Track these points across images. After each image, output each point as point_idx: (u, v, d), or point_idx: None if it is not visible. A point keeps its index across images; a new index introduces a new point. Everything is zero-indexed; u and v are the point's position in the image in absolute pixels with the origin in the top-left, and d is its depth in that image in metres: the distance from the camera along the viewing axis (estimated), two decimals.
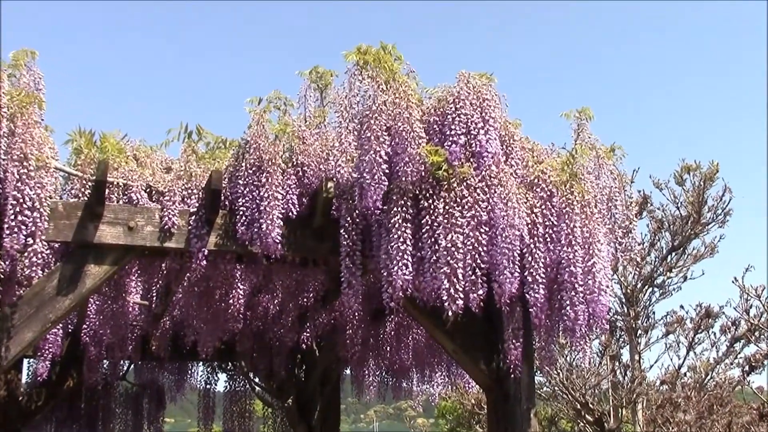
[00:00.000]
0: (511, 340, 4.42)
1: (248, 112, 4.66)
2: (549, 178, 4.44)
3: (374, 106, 4.19)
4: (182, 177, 4.64)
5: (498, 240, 4.11)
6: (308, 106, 5.14)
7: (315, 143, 4.73)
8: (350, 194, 4.41)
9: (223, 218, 4.58)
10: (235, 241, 4.51)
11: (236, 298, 5.20)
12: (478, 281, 4.08)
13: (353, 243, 4.38)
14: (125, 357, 6.74)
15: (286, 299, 5.94)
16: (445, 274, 4.05)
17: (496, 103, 4.45)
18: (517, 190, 4.26)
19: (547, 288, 4.29)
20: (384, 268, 4.19)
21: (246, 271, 5.19)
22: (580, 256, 4.27)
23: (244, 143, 4.64)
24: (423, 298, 4.26)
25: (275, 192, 4.37)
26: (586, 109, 4.93)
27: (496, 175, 4.23)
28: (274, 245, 4.35)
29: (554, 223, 4.35)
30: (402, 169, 4.14)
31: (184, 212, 4.55)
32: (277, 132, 4.61)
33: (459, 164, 4.24)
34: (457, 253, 4.07)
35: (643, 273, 11.71)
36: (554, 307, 4.39)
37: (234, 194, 4.55)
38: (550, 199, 4.40)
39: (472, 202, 4.18)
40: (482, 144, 4.28)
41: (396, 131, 4.20)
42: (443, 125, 4.37)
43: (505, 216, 4.11)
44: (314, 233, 4.68)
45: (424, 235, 4.17)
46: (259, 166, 4.47)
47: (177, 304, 6.03)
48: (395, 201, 4.20)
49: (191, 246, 4.49)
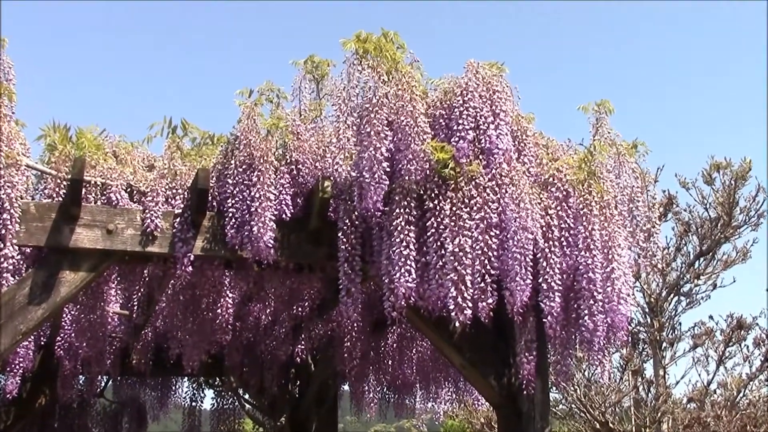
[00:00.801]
0: (524, 353, 4.43)
1: (238, 105, 4.68)
2: (565, 176, 4.46)
3: (375, 98, 4.21)
4: (166, 176, 4.66)
5: (509, 244, 4.13)
6: (303, 98, 5.16)
7: (310, 139, 4.74)
8: (349, 194, 4.43)
9: (210, 220, 4.60)
10: (223, 245, 4.54)
11: (225, 308, 5.22)
12: (487, 289, 4.10)
13: (352, 247, 4.40)
14: (103, 372, 6.76)
15: (279, 309, 5.97)
16: (452, 281, 4.07)
17: (507, 95, 4.47)
18: (531, 189, 4.28)
19: (563, 296, 4.30)
20: (385, 274, 4.21)
21: (235, 278, 5.21)
22: (598, 262, 4.28)
23: (234, 139, 4.66)
24: (428, 308, 4.27)
25: (267, 192, 4.40)
26: (606, 101, 4.95)
27: (508, 174, 4.25)
28: (266, 250, 4.37)
29: (571, 225, 4.37)
30: (405, 167, 4.16)
31: (168, 214, 4.57)
32: (269, 127, 4.64)
33: (467, 162, 4.26)
34: (465, 258, 4.09)
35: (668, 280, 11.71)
36: (571, 318, 4.40)
37: (222, 194, 4.57)
38: (567, 200, 4.42)
39: (482, 202, 4.20)
40: (492, 140, 4.30)
41: (398, 126, 4.22)
42: (450, 119, 4.39)
43: (517, 218, 4.13)
44: (310, 237, 4.70)
45: (429, 239, 4.19)
46: (250, 163, 4.49)
47: (160, 314, 6.05)
48: (398, 202, 4.22)
49: (176, 251, 4.51)
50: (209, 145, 5.00)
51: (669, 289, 11.75)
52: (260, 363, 6.90)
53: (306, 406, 7.35)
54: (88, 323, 5.16)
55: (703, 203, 11.87)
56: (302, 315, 5.95)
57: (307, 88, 5.27)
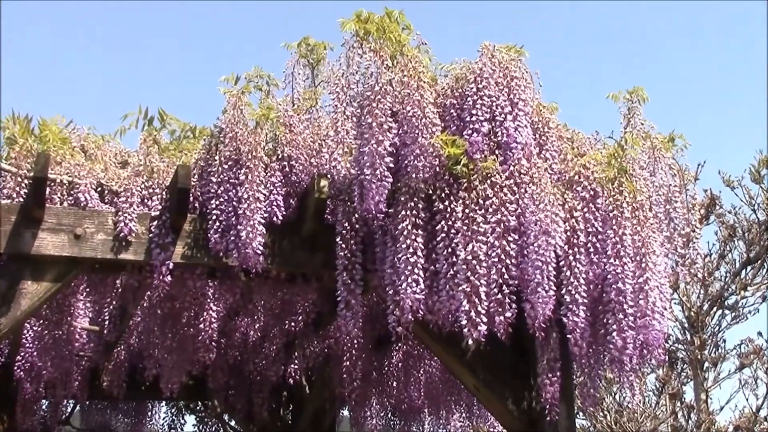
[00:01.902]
0: (546, 373, 4.44)
1: (222, 94, 4.70)
2: (592, 174, 4.47)
3: (377, 86, 4.23)
4: (141, 173, 4.69)
5: (530, 250, 4.14)
6: (296, 86, 5.19)
7: (305, 132, 4.77)
8: (348, 194, 4.45)
9: (192, 224, 4.62)
10: (206, 251, 4.56)
11: (208, 323, 5.25)
12: (505, 301, 4.11)
13: (352, 254, 4.42)
14: (69, 396, 6.78)
15: (270, 323, 5.99)
16: (465, 292, 4.08)
17: (527, 82, 4.49)
18: (553, 189, 4.30)
19: (590, 310, 4.31)
20: (390, 284, 4.23)
21: (220, 289, 5.24)
22: (630, 271, 4.29)
23: (218, 132, 4.68)
24: (437, 322, 4.29)
25: (256, 192, 4.42)
26: (639, 89, 4.97)
27: (528, 171, 4.27)
28: (254, 257, 4.39)
29: (599, 229, 4.38)
30: (411, 164, 4.18)
31: (144, 217, 4.60)
32: (258, 118, 4.66)
33: (481, 157, 4.28)
34: (480, 266, 4.10)
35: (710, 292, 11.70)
36: (599, 334, 4.41)
37: (205, 194, 4.59)
38: (594, 201, 4.43)
39: (498, 203, 4.22)
40: (510, 132, 4.31)
41: (404, 117, 4.24)
42: (462, 109, 4.40)
43: (538, 221, 4.15)
44: (304, 242, 4.72)
45: (439, 245, 4.21)
46: (237, 159, 4.51)
47: (135, 329, 6.07)
48: (403, 203, 4.24)
49: (153, 258, 4.54)
50: (190, 138, 5.02)
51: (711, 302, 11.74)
52: (248, 385, 6.92)
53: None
54: (53, 340, 5.19)
55: (751, 204, 11.86)
56: (295, 330, 5.97)
57: (300, 75, 5.29)
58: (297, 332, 6.02)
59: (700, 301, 11.73)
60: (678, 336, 11.63)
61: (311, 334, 6.13)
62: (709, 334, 11.64)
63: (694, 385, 11.52)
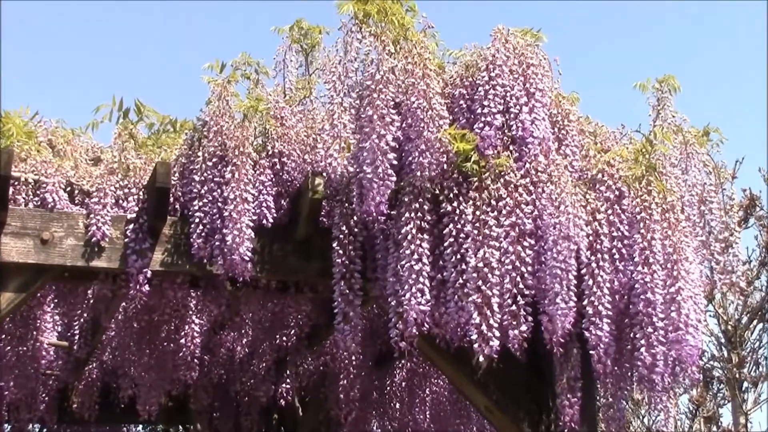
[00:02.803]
0: (566, 394, 4.44)
1: (206, 83, 4.71)
2: (618, 172, 4.48)
3: (378, 74, 4.23)
4: (116, 171, 4.70)
5: (548, 257, 4.15)
6: (289, 74, 5.20)
7: (298, 125, 4.78)
8: (346, 194, 4.47)
9: (172, 227, 4.64)
10: (188, 258, 4.57)
11: (190, 337, 5.25)
12: (520, 313, 4.12)
13: (350, 261, 4.43)
14: (35, 419, 6.78)
15: (259, 338, 5.99)
16: (475, 303, 4.08)
17: (544, 70, 4.50)
18: (574, 188, 4.29)
19: (615, 323, 4.31)
20: (392, 295, 4.24)
21: (204, 300, 5.24)
22: (660, 280, 4.29)
23: (201, 125, 4.70)
24: (445, 337, 4.30)
25: (244, 191, 4.43)
26: (670, 77, 4.97)
27: (545, 169, 4.27)
28: (242, 264, 4.41)
29: (625, 233, 4.39)
30: (416, 160, 4.19)
31: (119, 219, 4.61)
32: (245, 110, 4.67)
33: (494, 153, 4.29)
34: (492, 274, 4.11)
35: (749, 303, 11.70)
36: (625, 350, 4.42)
37: (187, 195, 4.61)
38: (619, 202, 4.44)
39: (512, 205, 4.22)
40: (526, 126, 4.32)
41: (408, 108, 4.25)
42: (473, 100, 4.41)
43: (556, 224, 4.15)
44: (297, 248, 4.73)
45: (447, 251, 4.22)
46: (222, 156, 4.52)
47: (108, 345, 6.07)
48: (407, 204, 4.25)
49: (128, 265, 4.55)
50: (170, 132, 5.03)
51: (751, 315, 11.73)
52: (235, 407, 6.92)
53: None
54: (17, 357, 5.19)
55: None
56: (287, 346, 5.96)
57: (293, 62, 5.30)
58: (289, 348, 6.02)
59: (738, 313, 11.73)
60: (714, 352, 11.63)
61: (305, 350, 6.12)
62: (749, 350, 11.63)
63: (732, 408, 11.52)
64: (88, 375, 6.53)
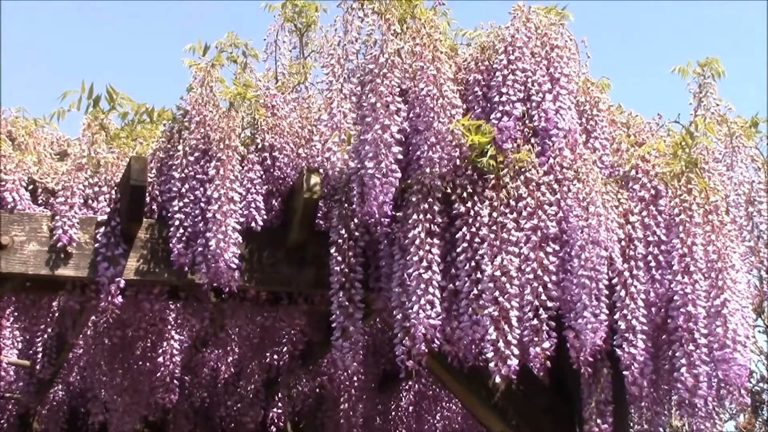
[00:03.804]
0: (595, 419, 4.44)
1: (188, 67, 4.72)
2: (654, 168, 4.48)
3: (382, 57, 4.24)
4: (85, 167, 4.71)
5: (574, 264, 4.15)
6: (281, 57, 5.21)
7: (291, 115, 4.78)
8: (345, 194, 4.47)
9: (148, 231, 4.65)
10: (167, 265, 4.58)
11: (169, 356, 5.26)
12: (542, 328, 4.11)
13: (350, 269, 4.43)
14: None
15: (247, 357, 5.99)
16: (492, 317, 4.08)
17: (570, 52, 4.51)
18: (604, 187, 4.30)
19: (652, 339, 4.31)
20: (398, 307, 4.25)
21: (184, 313, 5.25)
22: (702, 290, 4.28)
23: (182, 115, 4.71)
24: (458, 355, 4.30)
25: (230, 190, 4.43)
26: (713, 60, 4.98)
27: (571, 165, 4.27)
28: (227, 272, 4.41)
29: (662, 238, 4.39)
30: (425, 155, 4.20)
31: (88, 222, 4.62)
32: (232, 98, 4.68)
33: (513, 147, 4.30)
34: (511, 284, 4.11)
35: None
36: (662, 369, 4.41)
37: (166, 194, 4.63)
38: (656, 202, 4.44)
39: (534, 205, 4.23)
40: (550, 116, 4.33)
41: (416, 96, 4.26)
42: (489, 87, 4.42)
43: (584, 227, 4.15)
44: (290, 254, 4.74)
45: (460, 257, 4.22)
46: (205, 150, 4.53)
47: (76, 364, 6.09)
48: (415, 204, 4.26)
49: (99, 274, 4.55)
50: (147, 123, 5.03)
51: None
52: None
53: None
54: None
55: None
56: (279, 365, 5.97)
57: (286, 44, 5.32)
58: (281, 367, 6.02)
59: None
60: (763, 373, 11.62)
61: (299, 370, 6.14)
62: None
63: None
64: (52, 398, 6.54)
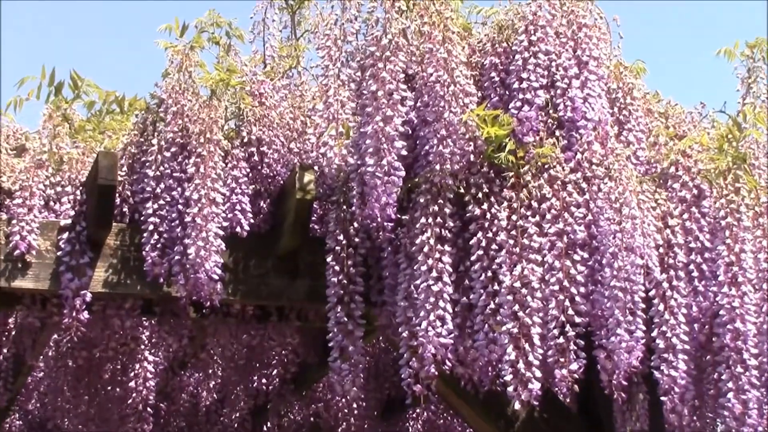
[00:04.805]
0: None
1: (163, 50, 4.72)
2: (696, 165, 4.48)
3: (386, 38, 4.23)
4: (46, 164, 4.71)
5: (605, 275, 4.14)
6: (270, 38, 5.20)
7: (282, 104, 4.78)
8: (344, 194, 4.47)
9: (119, 237, 4.65)
10: (140, 277, 4.58)
11: (142, 380, 5.25)
12: (569, 348, 4.10)
13: (349, 280, 4.42)
14: None
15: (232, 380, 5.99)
16: (511, 335, 4.07)
17: (601, 32, 4.50)
18: (640, 186, 4.30)
19: (694, 360, 4.31)
20: (404, 324, 4.24)
21: (160, 331, 5.23)
22: (752, 304, 4.27)
23: (157, 104, 4.71)
24: (472, 378, 4.31)
25: (211, 191, 4.42)
26: (764, 41, 4.96)
27: (602, 161, 4.27)
28: (209, 284, 4.40)
29: (705, 244, 4.38)
30: (435, 150, 4.19)
31: (50, 227, 4.62)
32: (214, 85, 4.68)
33: (536, 141, 4.30)
34: (533, 297, 4.10)
35: None
36: (707, 395, 4.40)
37: (139, 194, 4.62)
38: (698, 203, 4.44)
39: (559, 207, 4.22)
40: (577, 105, 4.32)
41: (424, 83, 4.26)
42: (508, 72, 4.43)
43: (617, 232, 4.14)
44: (281, 263, 4.74)
45: (475, 266, 4.22)
46: (184, 144, 4.53)
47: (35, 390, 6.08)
48: (423, 206, 4.25)
49: (62, 286, 4.54)
50: (116, 113, 5.03)
51: None
52: None
53: None
54: None
55: None
56: (268, 390, 5.97)
57: (276, 22, 5.32)
58: (270, 393, 6.03)
59: None
60: None
61: (290, 396, 6.13)
62: None
63: None
64: (9, 427, 6.54)
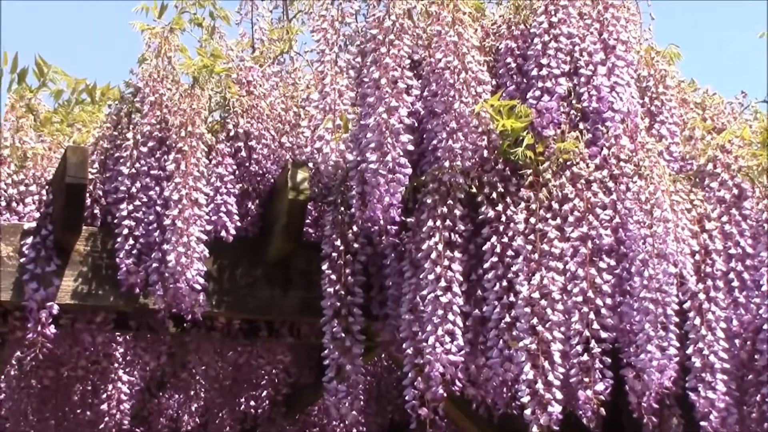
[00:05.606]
0: None
1: (139, 33, 4.70)
2: (737, 161, 4.48)
3: (389, 19, 4.23)
4: (8, 160, 4.71)
5: (635, 284, 4.13)
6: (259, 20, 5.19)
7: (272, 93, 4.77)
8: (342, 194, 4.47)
9: (89, 242, 4.64)
10: (113, 287, 4.57)
11: (116, 402, 5.24)
12: (594, 366, 4.10)
13: (347, 291, 4.43)
14: None
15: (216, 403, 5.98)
16: (529, 352, 4.07)
17: (630, 13, 4.50)
18: (673, 185, 4.30)
19: (735, 380, 4.30)
20: (409, 339, 4.24)
21: (136, 348, 5.23)
22: None
23: (132, 94, 4.71)
24: (485, 400, 4.31)
25: (193, 190, 4.42)
26: None
27: (631, 157, 4.26)
28: (191, 295, 4.40)
29: (746, 251, 4.38)
30: (444, 145, 4.19)
31: (12, 230, 4.61)
32: (196, 72, 4.68)
33: (557, 135, 4.29)
34: (553, 310, 4.10)
35: None
36: (748, 419, 4.40)
37: (112, 195, 4.62)
38: (739, 204, 4.43)
39: (583, 209, 4.22)
40: (603, 94, 4.31)
41: (432, 69, 4.26)
42: (525, 58, 4.43)
43: (648, 237, 4.13)
44: (271, 272, 4.74)
45: (488, 275, 4.21)
46: (162, 138, 4.53)
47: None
48: (430, 207, 4.25)
49: (26, 297, 4.54)
50: (87, 104, 5.02)
51: None
52: None
53: None
54: None
55: None
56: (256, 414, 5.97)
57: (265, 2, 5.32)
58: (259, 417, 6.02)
59: None
60: None
61: (282, 420, 6.14)
62: None
63: None
64: None
